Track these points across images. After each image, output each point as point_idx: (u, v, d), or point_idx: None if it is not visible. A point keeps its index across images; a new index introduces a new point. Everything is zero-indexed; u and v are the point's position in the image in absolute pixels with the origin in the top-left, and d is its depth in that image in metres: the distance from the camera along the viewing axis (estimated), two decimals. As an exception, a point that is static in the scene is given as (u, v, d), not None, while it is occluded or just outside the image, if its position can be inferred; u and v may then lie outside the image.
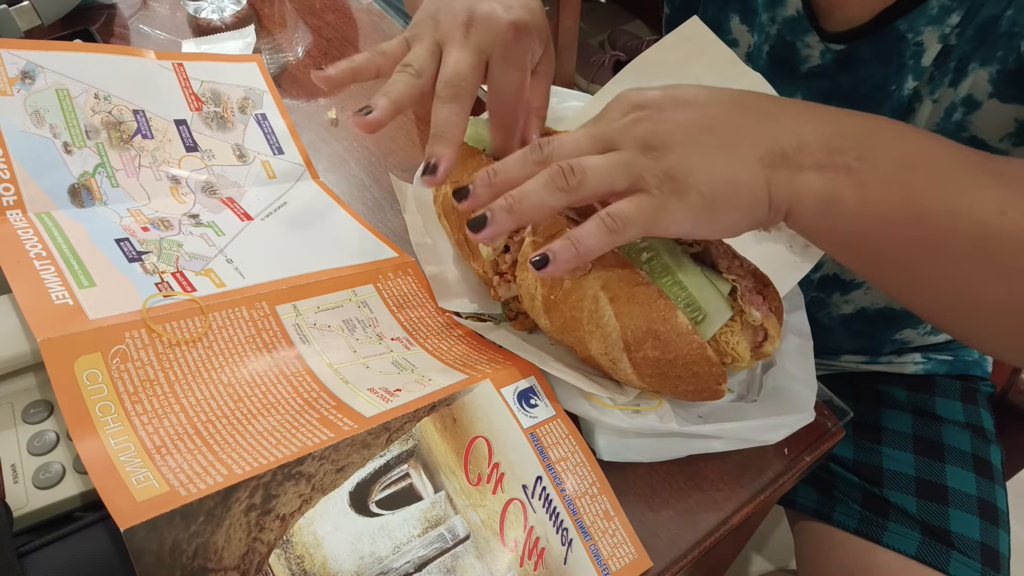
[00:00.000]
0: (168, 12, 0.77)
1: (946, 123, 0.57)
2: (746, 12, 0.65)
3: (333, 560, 0.38)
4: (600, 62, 1.90)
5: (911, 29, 0.55)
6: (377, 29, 0.81)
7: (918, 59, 0.56)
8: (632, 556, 0.44)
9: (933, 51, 0.55)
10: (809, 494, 0.74)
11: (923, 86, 0.57)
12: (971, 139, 0.57)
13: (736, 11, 0.65)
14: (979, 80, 0.54)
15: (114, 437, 0.38)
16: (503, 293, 0.50)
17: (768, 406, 0.49)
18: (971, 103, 0.55)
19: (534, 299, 0.47)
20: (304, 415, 0.43)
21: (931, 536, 0.67)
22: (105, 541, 0.36)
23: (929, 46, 0.55)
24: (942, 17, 0.53)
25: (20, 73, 0.54)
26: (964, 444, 0.73)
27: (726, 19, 0.66)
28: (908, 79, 0.57)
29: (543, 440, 0.46)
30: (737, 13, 0.65)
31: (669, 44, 0.60)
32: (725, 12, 0.66)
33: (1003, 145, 0.56)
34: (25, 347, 0.42)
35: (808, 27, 0.59)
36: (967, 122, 0.56)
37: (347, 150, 0.67)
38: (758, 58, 0.65)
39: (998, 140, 0.56)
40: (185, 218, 0.55)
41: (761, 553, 1.28)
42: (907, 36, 0.55)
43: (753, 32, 0.65)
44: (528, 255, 0.47)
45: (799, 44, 0.61)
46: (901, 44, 0.56)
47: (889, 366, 0.78)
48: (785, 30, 0.61)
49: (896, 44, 0.56)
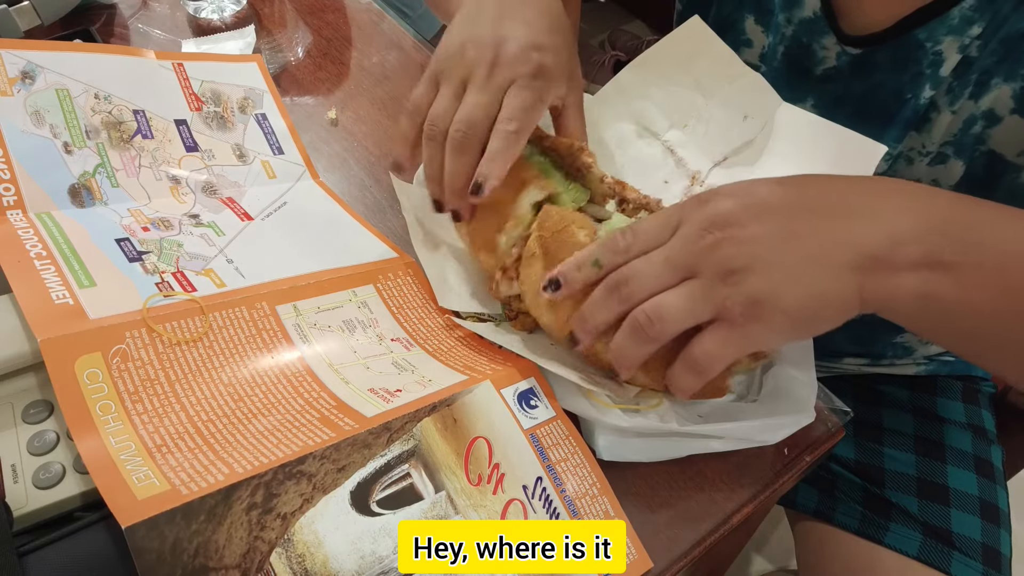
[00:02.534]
0: (168, 12, 0.77)
1: (964, 135, 0.57)
2: (761, 12, 0.64)
3: (334, 559, 0.38)
4: (600, 62, 1.90)
5: (930, 38, 0.54)
6: (377, 29, 0.81)
7: (936, 69, 0.55)
8: (633, 556, 0.44)
9: (952, 61, 0.54)
10: (810, 494, 0.74)
11: (940, 96, 0.56)
12: (988, 153, 0.57)
13: (751, 11, 0.65)
14: (1002, 95, 0.53)
15: (115, 436, 0.38)
16: (504, 290, 0.50)
17: (768, 406, 0.49)
18: (992, 118, 0.55)
19: (538, 296, 0.47)
20: (305, 415, 0.43)
21: (932, 536, 0.67)
22: (105, 541, 0.36)
23: (948, 56, 0.54)
24: (963, 28, 0.52)
25: (20, 73, 0.54)
26: (965, 444, 0.73)
27: (741, 18, 0.66)
28: (925, 88, 0.56)
29: (543, 441, 0.46)
30: (752, 13, 0.65)
31: (670, 44, 0.60)
32: (740, 11, 0.66)
33: (1020, 160, 0.56)
34: (25, 347, 0.42)
35: (826, 28, 0.59)
36: (986, 135, 0.56)
37: (347, 150, 0.67)
38: (772, 59, 0.64)
39: (1016, 155, 0.56)
40: (185, 218, 0.55)
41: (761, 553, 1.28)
42: (926, 45, 0.55)
43: (768, 33, 0.64)
44: (533, 251, 0.47)
45: (815, 46, 0.60)
46: (919, 52, 0.55)
47: (891, 368, 0.78)
48: (801, 31, 0.61)
49: (914, 52, 0.55)
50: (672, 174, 0.59)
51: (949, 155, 0.59)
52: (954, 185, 0.60)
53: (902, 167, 0.61)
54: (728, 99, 0.58)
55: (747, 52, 0.67)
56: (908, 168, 0.61)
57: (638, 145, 0.61)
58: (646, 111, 0.61)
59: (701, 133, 0.59)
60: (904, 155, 0.61)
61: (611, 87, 0.62)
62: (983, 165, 0.58)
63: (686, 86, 0.60)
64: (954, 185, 0.60)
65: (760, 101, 0.57)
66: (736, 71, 0.58)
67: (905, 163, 0.61)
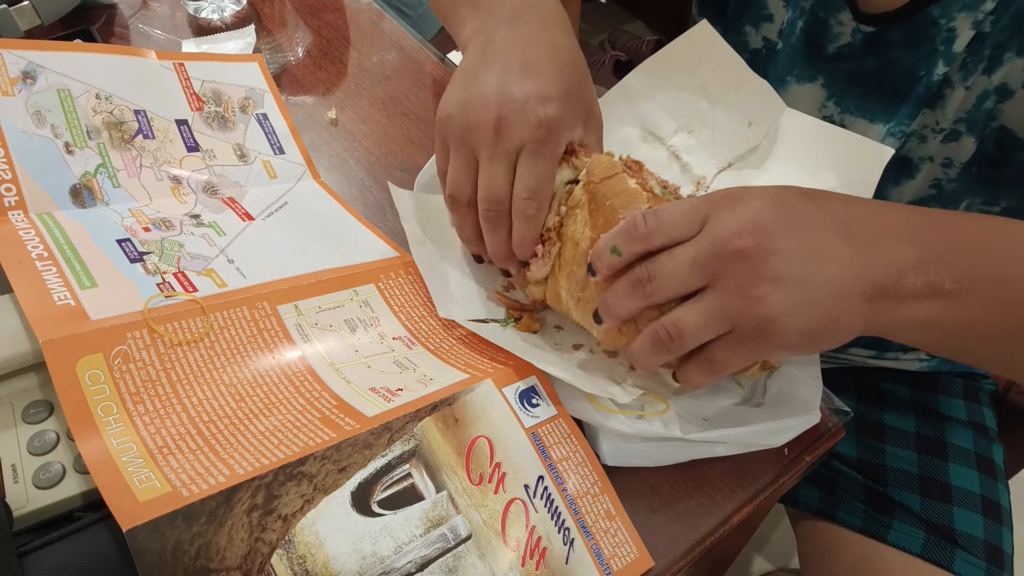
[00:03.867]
0: (168, 12, 0.77)
1: (977, 111, 0.57)
2: None
3: (335, 560, 0.38)
4: (600, 62, 1.89)
5: (944, 15, 0.54)
6: (377, 29, 0.81)
7: (949, 45, 0.55)
8: (634, 556, 0.44)
9: (966, 37, 0.54)
10: (812, 493, 0.74)
11: (954, 72, 0.56)
12: (999, 129, 0.57)
13: None
14: (1014, 69, 0.54)
15: (116, 438, 0.38)
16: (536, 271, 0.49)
17: (773, 410, 0.49)
18: (1004, 92, 0.55)
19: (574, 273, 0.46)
20: (306, 415, 0.43)
21: (935, 534, 0.67)
22: (105, 541, 0.36)
23: (962, 32, 0.54)
24: (976, 3, 0.53)
25: (21, 73, 0.54)
26: (967, 442, 0.73)
27: None
28: (939, 65, 0.56)
29: (545, 440, 0.46)
30: None
31: (677, 48, 0.60)
32: None
33: None
34: (26, 347, 0.42)
35: (843, 3, 0.59)
36: (998, 111, 0.56)
37: (347, 150, 0.67)
38: (790, 34, 0.64)
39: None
40: (186, 218, 0.55)
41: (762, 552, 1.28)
42: (940, 21, 0.55)
43: (788, 7, 0.64)
44: (579, 200, 0.46)
45: (832, 21, 0.60)
46: (933, 30, 0.55)
47: (896, 362, 0.78)
48: (819, 5, 0.61)
49: (928, 30, 0.55)
50: (677, 178, 0.59)
51: (962, 132, 0.59)
52: (966, 163, 0.60)
53: (915, 144, 0.61)
54: (733, 105, 0.58)
55: (767, 27, 0.66)
56: (921, 145, 0.61)
57: (643, 149, 0.61)
58: (651, 115, 0.61)
59: (707, 138, 0.59)
60: (917, 133, 0.61)
61: (616, 91, 0.61)
62: (994, 142, 0.58)
63: (692, 91, 0.60)
64: (966, 163, 0.60)
65: (765, 107, 0.57)
66: (742, 78, 0.58)
67: (918, 140, 0.61)
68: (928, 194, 0.64)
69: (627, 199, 0.44)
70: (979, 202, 0.63)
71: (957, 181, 0.62)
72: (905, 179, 0.64)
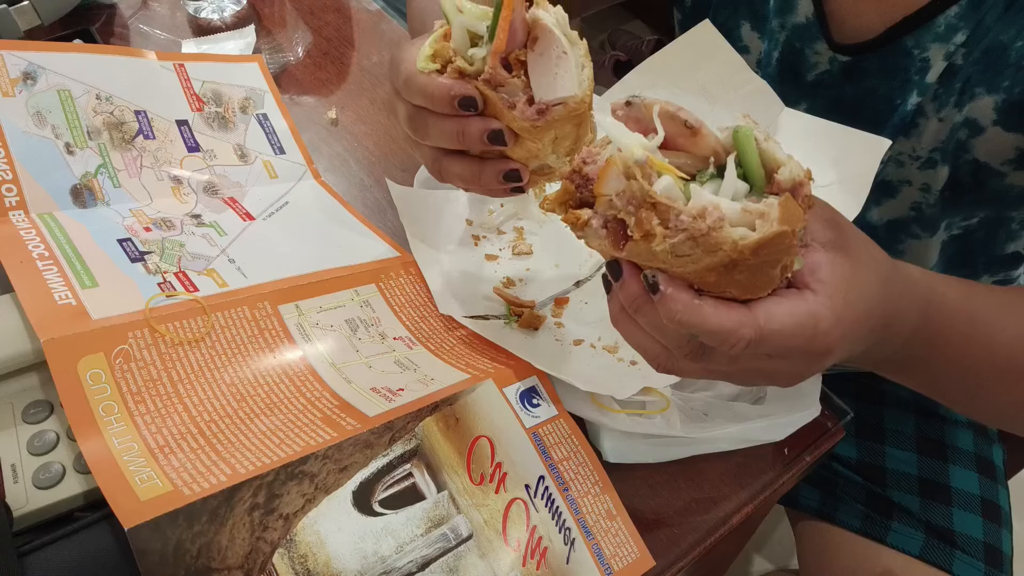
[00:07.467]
0: (168, 12, 0.77)
1: (948, 143, 0.57)
2: (757, 19, 0.65)
3: (336, 559, 0.38)
4: (600, 62, 1.90)
5: (918, 45, 0.55)
6: (377, 29, 0.81)
7: (923, 75, 0.56)
8: (634, 555, 0.44)
9: (938, 68, 0.55)
10: (812, 494, 0.74)
11: (927, 103, 0.57)
12: (972, 161, 0.57)
13: (747, 18, 0.65)
14: (984, 106, 0.54)
15: (117, 437, 0.38)
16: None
17: (773, 405, 0.49)
18: (975, 127, 0.55)
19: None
20: (307, 414, 0.43)
21: (935, 536, 0.67)
22: (105, 540, 0.36)
23: (935, 63, 0.55)
24: (948, 35, 0.53)
25: (22, 74, 0.54)
26: (967, 444, 0.73)
27: (736, 26, 0.66)
28: (913, 94, 0.57)
29: (545, 440, 0.46)
30: (748, 20, 0.65)
31: (679, 47, 0.60)
32: (736, 19, 0.66)
33: (1004, 168, 0.56)
34: (26, 346, 0.42)
35: (818, 34, 0.59)
36: (970, 144, 0.56)
37: (347, 150, 0.67)
38: (767, 65, 0.65)
39: (999, 164, 0.56)
40: (187, 218, 0.55)
41: (761, 553, 1.28)
42: (913, 52, 0.55)
43: (764, 39, 0.65)
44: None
45: (807, 51, 0.61)
46: (907, 60, 0.56)
47: None
48: (794, 37, 0.61)
49: (902, 59, 0.56)
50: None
51: (937, 160, 0.59)
52: (942, 188, 0.61)
53: (892, 169, 0.62)
54: (732, 105, 0.59)
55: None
56: (899, 170, 0.62)
57: None
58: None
59: None
60: (894, 159, 0.61)
61: (617, 90, 0.61)
62: (970, 172, 0.58)
63: (692, 91, 0.60)
64: (942, 188, 0.61)
65: (763, 107, 0.58)
66: (743, 78, 0.58)
67: (895, 166, 0.62)
68: (908, 215, 0.65)
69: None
70: (959, 220, 0.64)
71: (936, 206, 0.63)
72: (886, 199, 0.65)
